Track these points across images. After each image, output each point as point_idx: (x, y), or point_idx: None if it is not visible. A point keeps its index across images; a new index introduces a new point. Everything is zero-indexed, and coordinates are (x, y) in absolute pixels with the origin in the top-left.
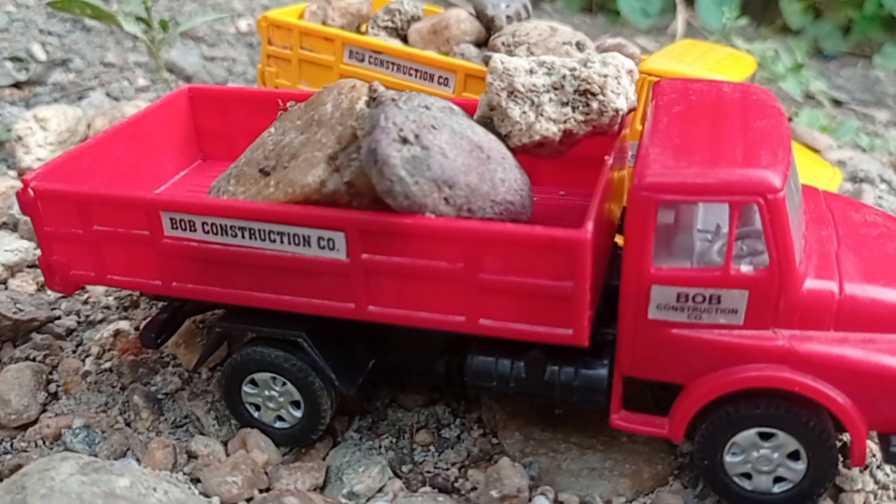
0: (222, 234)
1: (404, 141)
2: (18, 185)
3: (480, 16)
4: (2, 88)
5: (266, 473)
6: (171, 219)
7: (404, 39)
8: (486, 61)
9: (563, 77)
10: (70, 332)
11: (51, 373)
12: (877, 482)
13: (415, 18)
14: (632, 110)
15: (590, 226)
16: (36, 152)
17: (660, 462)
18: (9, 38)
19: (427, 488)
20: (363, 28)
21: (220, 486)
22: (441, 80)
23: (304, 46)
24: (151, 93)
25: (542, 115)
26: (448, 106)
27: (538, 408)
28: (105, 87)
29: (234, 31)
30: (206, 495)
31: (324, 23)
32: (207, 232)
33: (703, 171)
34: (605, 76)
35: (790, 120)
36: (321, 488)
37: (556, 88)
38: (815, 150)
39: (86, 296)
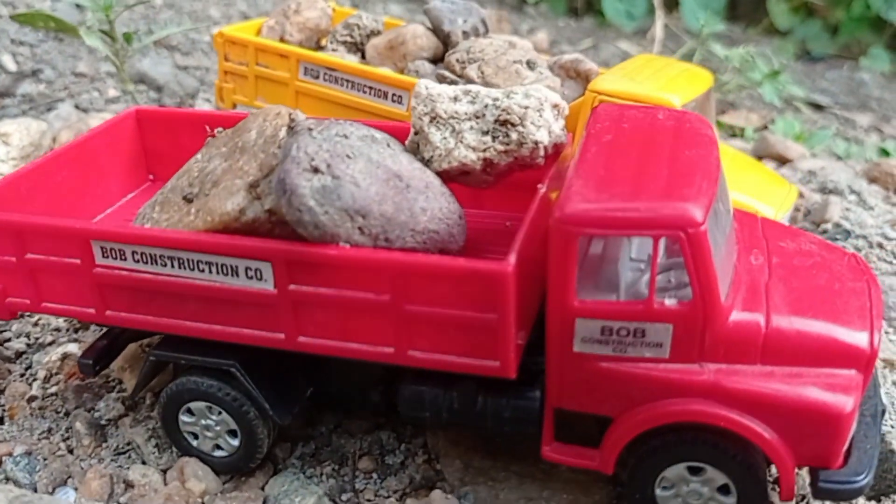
0: (152, 264)
1: (315, 170)
2: None
3: (437, 31)
4: None
5: (202, 503)
6: (102, 248)
7: (363, 54)
8: (440, 79)
9: (486, 106)
10: (20, 354)
11: None
12: None
13: (374, 33)
14: (558, 144)
15: (512, 258)
16: None
17: (598, 492)
18: None
19: None
20: (323, 42)
21: None
22: (395, 98)
23: (259, 63)
24: (121, 104)
25: (461, 141)
26: (370, 135)
27: (480, 435)
28: (75, 99)
29: (209, 39)
30: None
31: (282, 38)
32: (137, 261)
33: (624, 203)
34: (526, 108)
35: (765, 127)
36: None
37: (477, 117)
38: (788, 160)
39: (36, 318)
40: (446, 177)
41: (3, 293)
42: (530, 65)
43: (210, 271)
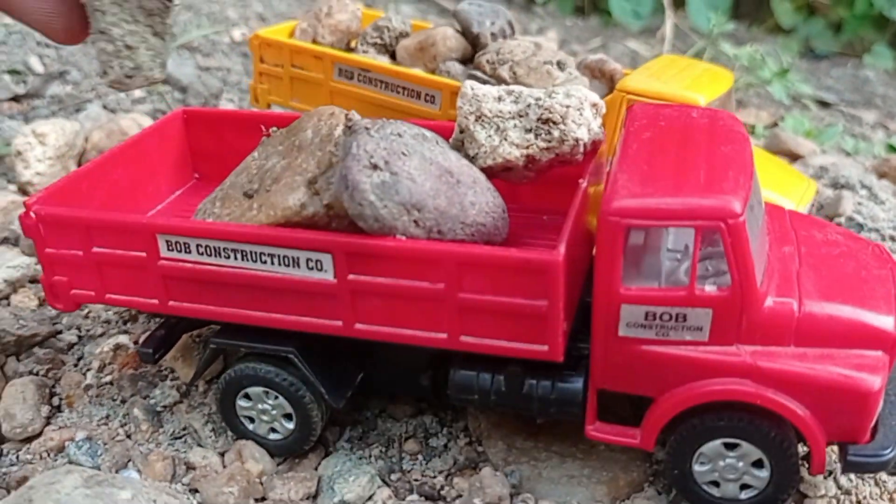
0: (216, 256)
1: (374, 167)
2: (18, 199)
3: (466, 33)
4: (0, 102)
5: (261, 483)
6: (167, 241)
7: (393, 56)
8: (483, 80)
9: (529, 105)
10: (71, 346)
11: (54, 386)
12: (839, 487)
13: (403, 35)
14: (595, 142)
15: (562, 248)
16: (35, 167)
17: (635, 469)
18: (6, 51)
19: (414, 496)
20: (353, 44)
21: (218, 496)
22: (428, 98)
23: (294, 64)
24: (147, 104)
25: (506, 139)
26: (421, 133)
27: (521, 417)
28: (102, 100)
29: (229, 40)
30: None
31: (314, 40)
32: (202, 254)
33: (668, 197)
34: (567, 107)
35: (775, 125)
36: (313, 497)
37: (521, 116)
38: (799, 157)
39: (86, 311)
40: (490, 173)
41: (68, 286)
42: (560, 65)
43: (272, 263)
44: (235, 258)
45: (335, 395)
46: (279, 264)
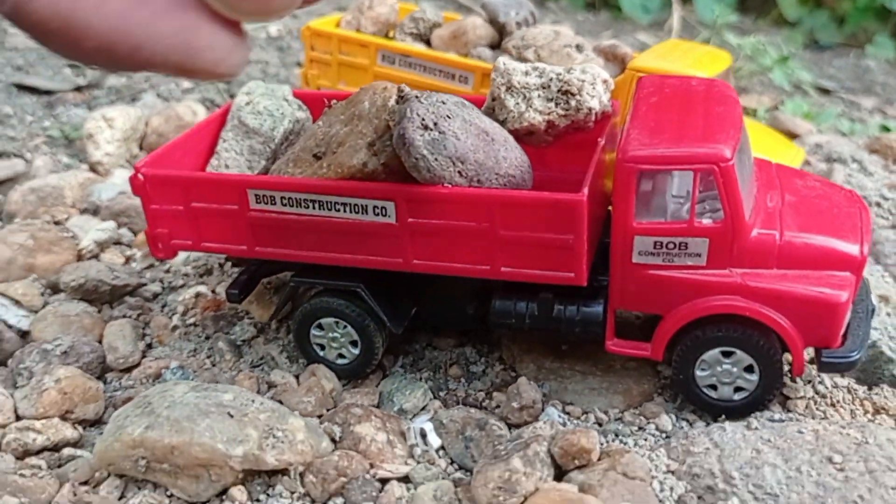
0: (297, 206)
1: (426, 128)
2: (92, 176)
3: (493, 22)
4: (65, 92)
5: (332, 397)
6: (256, 195)
7: (427, 43)
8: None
9: (551, 79)
10: (156, 295)
11: (144, 328)
12: (816, 391)
13: (436, 25)
14: (605, 112)
15: (585, 190)
16: (104, 147)
17: (647, 382)
18: None
19: (460, 406)
20: (391, 34)
21: (298, 404)
22: (461, 79)
23: (342, 52)
24: (196, 94)
25: (531, 106)
26: (460, 101)
27: (548, 344)
28: (155, 89)
29: (265, 35)
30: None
31: (357, 30)
32: (285, 205)
33: (672, 147)
34: (583, 81)
35: (776, 108)
36: (376, 406)
37: (544, 87)
38: (796, 136)
39: (167, 265)
40: (515, 136)
41: (169, 236)
42: (579, 48)
43: (344, 210)
44: (313, 208)
45: (396, 323)
46: (350, 212)
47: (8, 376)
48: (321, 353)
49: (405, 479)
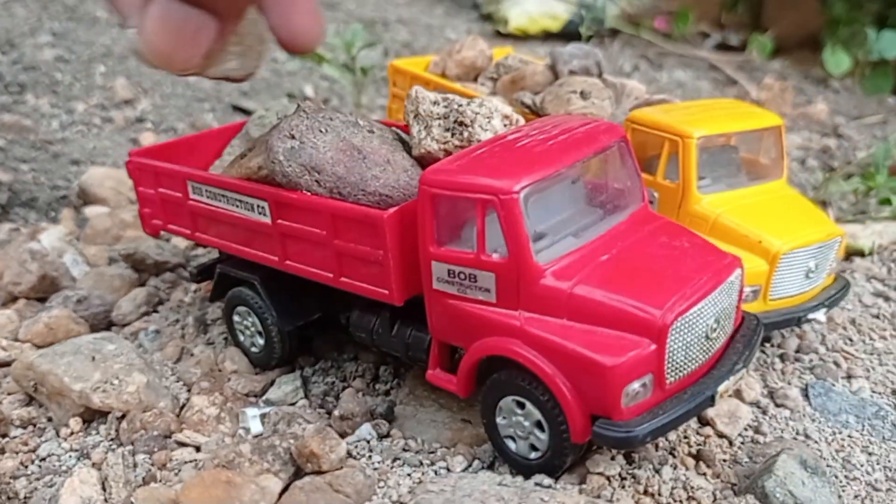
0: (214, 199)
1: (291, 137)
2: None
3: (553, 69)
4: None
5: (217, 375)
6: (192, 186)
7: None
8: (514, 102)
9: (452, 111)
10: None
11: (166, 299)
12: (630, 474)
13: (513, 70)
14: None
15: (392, 209)
16: None
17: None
18: (293, 80)
19: (303, 406)
20: (479, 78)
21: (185, 373)
22: None
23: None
24: None
25: (430, 135)
26: (353, 121)
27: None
28: None
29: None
30: None
31: (443, 72)
32: (208, 197)
33: (467, 174)
34: (477, 113)
35: None
36: (257, 395)
37: (444, 118)
38: None
39: (208, 249)
40: (422, 161)
41: (150, 216)
42: (584, 95)
43: (239, 206)
44: (222, 201)
45: (285, 320)
46: (244, 209)
47: (39, 308)
48: (241, 340)
49: (198, 449)
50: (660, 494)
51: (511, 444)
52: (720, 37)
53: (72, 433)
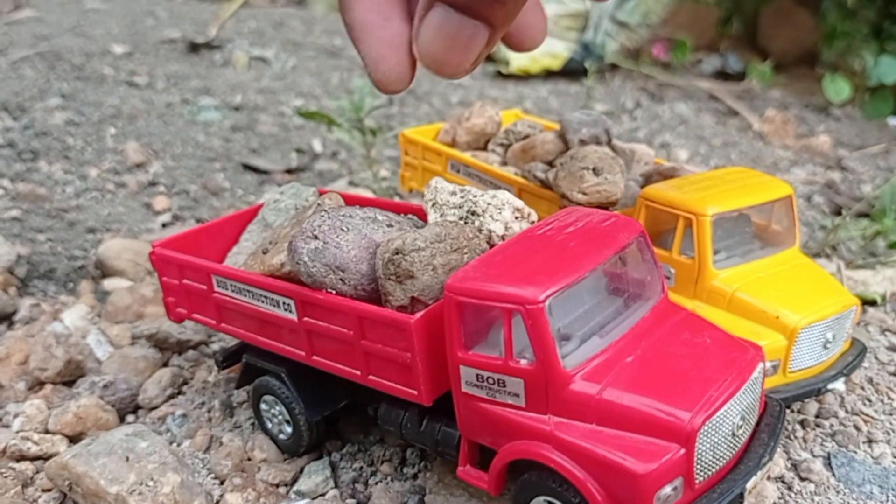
0: (240, 294)
1: (314, 237)
2: None
3: (563, 138)
4: (276, 172)
5: (247, 465)
6: (217, 280)
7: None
8: (525, 175)
9: (467, 201)
10: (214, 353)
11: (190, 378)
12: None
13: (525, 137)
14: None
15: (419, 314)
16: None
17: None
18: (302, 134)
19: (339, 496)
20: (489, 145)
21: (216, 465)
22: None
23: (425, 158)
24: (387, 182)
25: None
26: (372, 216)
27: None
28: (352, 176)
29: None
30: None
31: (453, 139)
32: (233, 291)
33: (492, 282)
34: (489, 205)
35: None
36: (287, 484)
37: (459, 207)
38: None
39: None
40: None
41: (174, 304)
42: (596, 171)
43: (265, 302)
44: (248, 296)
45: (312, 411)
46: (269, 304)
47: (66, 394)
48: (269, 427)
49: None
50: None
51: None
52: (719, 62)
53: None
